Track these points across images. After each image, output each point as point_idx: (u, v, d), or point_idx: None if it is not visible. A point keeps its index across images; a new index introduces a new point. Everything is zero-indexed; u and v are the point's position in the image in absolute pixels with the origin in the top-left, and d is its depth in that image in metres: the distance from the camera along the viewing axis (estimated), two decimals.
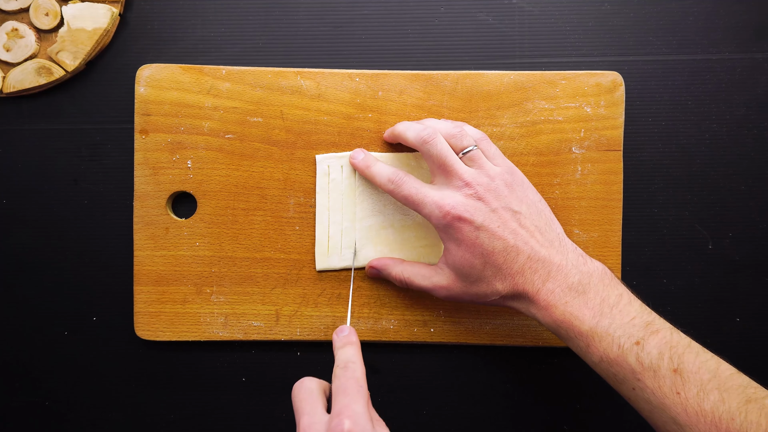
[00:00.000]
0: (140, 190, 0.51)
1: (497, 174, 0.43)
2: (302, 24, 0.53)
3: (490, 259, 0.41)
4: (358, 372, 0.39)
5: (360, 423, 0.35)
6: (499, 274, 0.42)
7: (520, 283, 0.41)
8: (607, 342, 0.38)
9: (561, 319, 0.40)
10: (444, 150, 0.43)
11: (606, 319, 0.39)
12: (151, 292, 0.51)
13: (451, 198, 0.42)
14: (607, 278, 0.41)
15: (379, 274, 0.49)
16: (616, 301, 0.40)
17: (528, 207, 0.43)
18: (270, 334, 0.51)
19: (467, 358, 0.52)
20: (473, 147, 0.44)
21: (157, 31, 0.53)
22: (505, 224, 0.41)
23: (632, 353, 0.37)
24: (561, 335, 0.41)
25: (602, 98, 0.50)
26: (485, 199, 0.42)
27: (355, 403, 0.36)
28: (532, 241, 0.42)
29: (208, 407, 0.53)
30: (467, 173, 0.43)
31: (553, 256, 0.41)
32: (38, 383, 0.53)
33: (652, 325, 0.38)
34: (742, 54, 0.52)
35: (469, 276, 0.43)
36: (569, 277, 0.40)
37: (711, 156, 0.52)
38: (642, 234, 0.52)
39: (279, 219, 0.51)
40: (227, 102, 0.50)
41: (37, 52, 0.52)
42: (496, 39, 0.53)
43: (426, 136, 0.44)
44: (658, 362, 0.37)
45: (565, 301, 0.40)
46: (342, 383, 0.38)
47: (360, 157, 0.48)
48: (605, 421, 0.52)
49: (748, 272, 0.52)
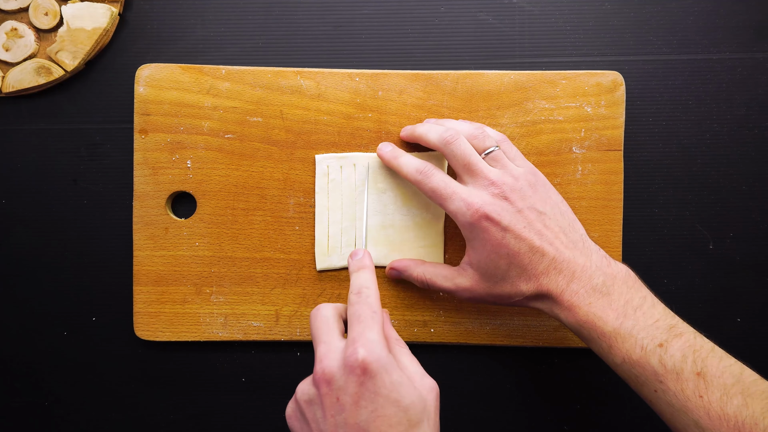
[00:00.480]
0: (140, 190, 0.51)
1: (521, 174, 0.43)
2: (302, 23, 0.53)
3: (515, 260, 0.41)
4: (372, 297, 0.39)
5: (375, 351, 0.35)
6: (523, 274, 0.42)
7: (545, 283, 0.41)
8: (630, 343, 0.38)
9: (584, 320, 0.40)
10: (468, 150, 0.44)
11: (629, 321, 0.39)
12: (150, 292, 0.50)
13: (478, 196, 0.42)
14: (630, 280, 0.41)
15: (400, 275, 0.49)
16: (639, 303, 0.40)
17: (552, 208, 0.43)
18: (270, 334, 0.51)
19: (467, 358, 0.52)
20: (495, 147, 0.44)
21: (156, 30, 0.53)
22: (531, 225, 0.42)
23: (655, 355, 0.37)
24: (583, 336, 0.41)
25: (603, 98, 0.50)
26: (510, 198, 0.42)
27: (370, 330, 0.37)
28: (557, 242, 0.42)
29: (208, 408, 0.53)
30: (492, 172, 0.43)
31: (577, 258, 0.41)
32: (38, 383, 0.53)
33: (676, 328, 0.38)
34: (743, 54, 0.52)
35: (493, 276, 0.43)
36: (593, 279, 0.40)
37: (712, 156, 0.52)
38: (642, 234, 0.52)
39: (279, 219, 0.51)
40: (227, 102, 0.50)
41: (37, 51, 0.52)
42: (497, 38, 0.53)
43: (449, 137, 0.44)
44: (682, 365, 0.37)
45: (589, 302, 0.40)
46: (356, 310, 0.38)
47: (387, 149, 0.48)
48: (606, 422, 0.52)
49: (748, 272, 0.52)
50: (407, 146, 0.50)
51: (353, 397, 0.35)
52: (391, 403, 0.35)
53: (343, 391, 0.35)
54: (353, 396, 0.35)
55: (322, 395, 0.36)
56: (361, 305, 0.39)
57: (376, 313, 0.38)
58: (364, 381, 0.35)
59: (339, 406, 0.35)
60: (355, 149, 0.50)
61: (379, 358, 0.35)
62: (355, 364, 0.35)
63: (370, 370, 0.35)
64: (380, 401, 0.35)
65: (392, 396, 0.35)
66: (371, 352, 0.35)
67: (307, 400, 0.37)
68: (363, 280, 0.41)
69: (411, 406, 0.35)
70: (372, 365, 0.35)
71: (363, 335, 0.36)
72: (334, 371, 0.36)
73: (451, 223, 0.50)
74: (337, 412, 0.35)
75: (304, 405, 0.37)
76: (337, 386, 0.35)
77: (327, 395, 0.36)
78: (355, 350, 0.35)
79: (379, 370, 0.35)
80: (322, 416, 0.36)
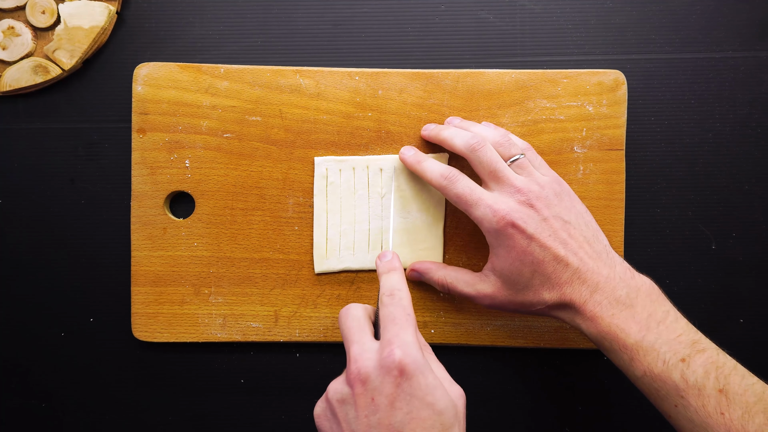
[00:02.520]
0: (138, 190, 0.50)
1: (546, 183, 0.43)
2: (301, 22, 0.53)
3: (539, 268, 0.41)
4: (405, 299, 0.39)
5: (411, 353, 0.35)
6: (547, 283, 0.41)
7: (568, 293, 0.41)
8: (652, 357, 0.38)
9: (606, 331, 0.40)
10: (494, 157, 0.44)
11: (652, 334, 0.39)
12: (148, 292, 0.50)
13: (504, 203, 0.42)
14: (654, 294, 0.41)
15: (421, 277, 0.49)
16: (662, 317, 0.39)
17: (576, 217, 0.43)
18: (269, 335, 0.50)
19: (468, 359, 0.52)
20: (521, 155, 0.44)
21: (154, 29, 0.53)
22: (556, 234, 0.41)
23: (677, 370, 0.37)
24: (605, 347, 0.40)
25: (604, 97, 0.49)
26: (536, 206, 0.42)
27: (405, 332, 0.36)
28: (581, 252, 0.41)
29: (207, 409, 0.52)
30: (518, 180, 0.43)
31: (601, 268, 0.41)
32: (34, 385, 0.53)
33: (699, 343, 0.38)
34: (746, 52, 0.52)
35: (516, 284, 0.42)
36: (617, 290, 0.40)
37: (714, 155, 0.52)
38: (644, 234, 0.52)
39: (278, 219, 0.50)
40: (225, 101, 0.50)
41: (34, 50, 0.51)
42: (497, 37, 0.52)
43: (475, 143, 0.44)
44: (704, 381, 0.37)
45: (612, 313, 0.40)
46: (390, 311, 0.38)
47: (410, 153, 0.48)
48: (607, 424, 0.52)
49: (751, 273, 0.52)
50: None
51: (389, 398, 0.35)
52: (426, 406, 0.34)
53: (378, 391, 0.35)
54: (389, 397, 0.35)
55: (356, 395, 0.35)
56: (395, 306, 0.38)
57: (409, 316, 0.38)
58: (401, 382, 0.35)
59: (374, 406, 0.35)
60: (355, 148, 0.50)
61: (415, 359, 0.35)
62: (392, 365, 0.35)
63: (407, 372, 0.35)
64: (416, 403, 0.34)
65: (427, 399, 0.35)
66: (408, 354, 0.35)
67: (339, 399, 0.36)
68: (394, 282, 0.41)
69: (444, 410, 0.35)
70: (409, 366, 0.35)
71: (399, 336, 0.36)
72: (370, 371, 0.35)
73: (451, 225, 0.50)
74: (372, 412, 0.35)
75: (336, 404, 0.37)
76: (373, 386, 0.35)
77: (361, 395, 0.35)
78: (392, 351, 0.35)
79: (416, 372, 0.35)
80: (355, 416, 0.35)
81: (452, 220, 0.50)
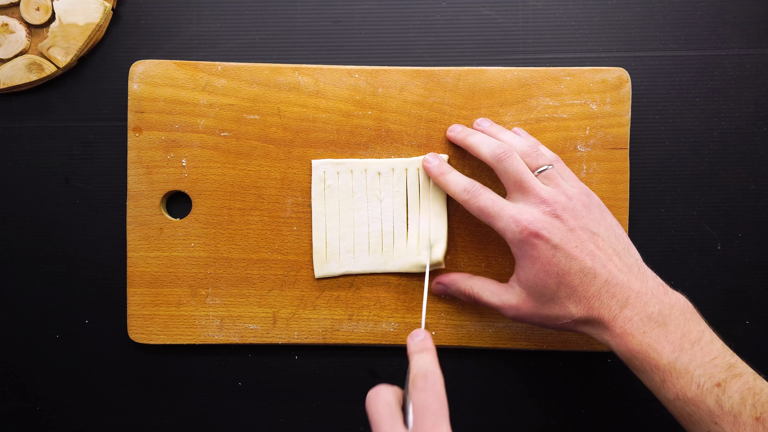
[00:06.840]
0: (134, 190, 0.50)
1: (574, 194, 0.42)
2: (300, 19, 0.52)
3: (565, 279, 0.40)
4: (438, 384, 0.37)
5: None
6: (573, 295, 0.40)
7: (596, 307, 0.40)
8: (686, 380, 0.37)
9: (637, 350, 0.38)
10: (521, 167, 0.43)
11: (686, 356, 0.37)
12: (144, 294, 0.50)
13: (529, 213, 0.41)
14: (689, 312, 0.39)
15: (447, 289, 0.48)
16: (697, 337, 0.38)
17: (606, 230, 0.42)
18: (267, 337, 0.50)
19: (469, 361, 0.51)
20: (549, 166, 0.44)
21: (150, 26, 0.52)
22: (583, 245, 0.40)
23: (712, 395, 0.36)
24: (635, 366, 0.39)
25: (608, 95, 0.49)
26: (563, 217, 0.41)
27: (441, 426, 0.35)
28: (610, 265, 0.40)
29: (203, 412, 0.52)
30: (544, 190, 0.42)
31: (631, 282, 0.40)
32: (29, 387, 0.52)
33: (735, 367, 0.37)
34: (752, 50, 0.51)
35: (541, 296, 0.41)
36: (648, 306, 0.39)
37: (720, 154, 0.51)
38: (649, 234, 0.51)
39: (276, 219, 0.50)
40: (223, 99, 0.49)
41: (28, 47, 0.51)
42: (499, 34, 0.52)
43: (502, 153, 0.43)
44: (740, 408, 0.35)
45: (644, 330, 0.38)
46: (424, 399, 0.36)
47: (435, 163, 0.47)
48: (608, 425, 0.51)
49: (757, 273, 0.51)
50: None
51: None
52: None
53: None
54: None
55: None
56: (428, 393, 0.36)
57: (443, 405, 0.36)
58: None
59: None
60: (355, 147, 0.49)
61: None
62: None
63: None
64: None
65: None
66: None
67: None
68: (428, 363, 0.38)
69: None
70: None
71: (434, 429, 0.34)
72: None
73: (450, 225, 0.49)
74: None
75: None
76: None
77: None
78: None
79: None
80: None
81: (453, 220, 0.49)
